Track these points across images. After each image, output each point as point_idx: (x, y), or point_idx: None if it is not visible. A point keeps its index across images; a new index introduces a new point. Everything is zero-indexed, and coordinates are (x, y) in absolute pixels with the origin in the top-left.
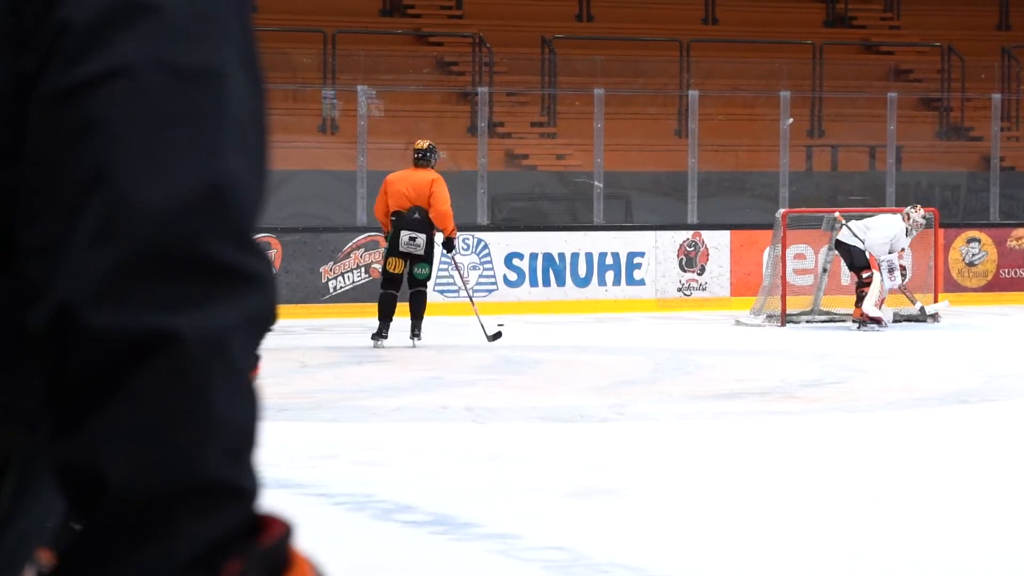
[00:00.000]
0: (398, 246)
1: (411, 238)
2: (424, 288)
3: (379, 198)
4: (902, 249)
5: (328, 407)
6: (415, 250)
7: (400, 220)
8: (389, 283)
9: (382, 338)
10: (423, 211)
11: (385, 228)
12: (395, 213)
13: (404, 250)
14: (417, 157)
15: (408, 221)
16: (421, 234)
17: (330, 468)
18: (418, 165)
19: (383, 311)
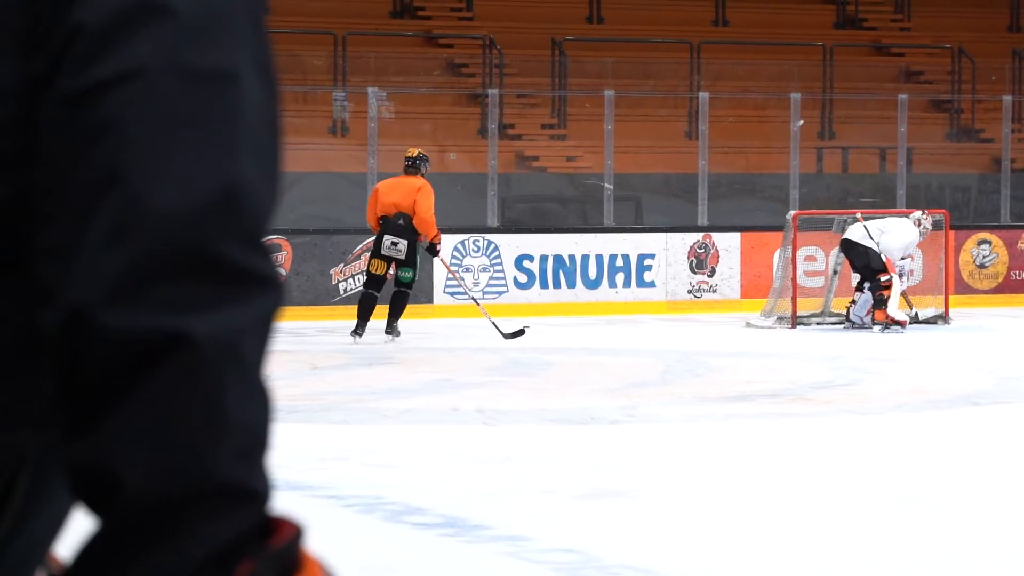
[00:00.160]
0: (380, 249)
1: (393, 243)
2: (406, 289)
3: (370, 204)
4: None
5: (338, 409)
6: (396, 255)
7: (385, 225)
8: (370, 283)
9: (357, 335)
10: (407, 217)
11: (376, 232)
12: (382, 218)
13: (386, 254)
14: (407, 165)
15: (392, 226)
16: (403, 240)
17: (340, 470)
18: (407, 172)
19: (360, 310)
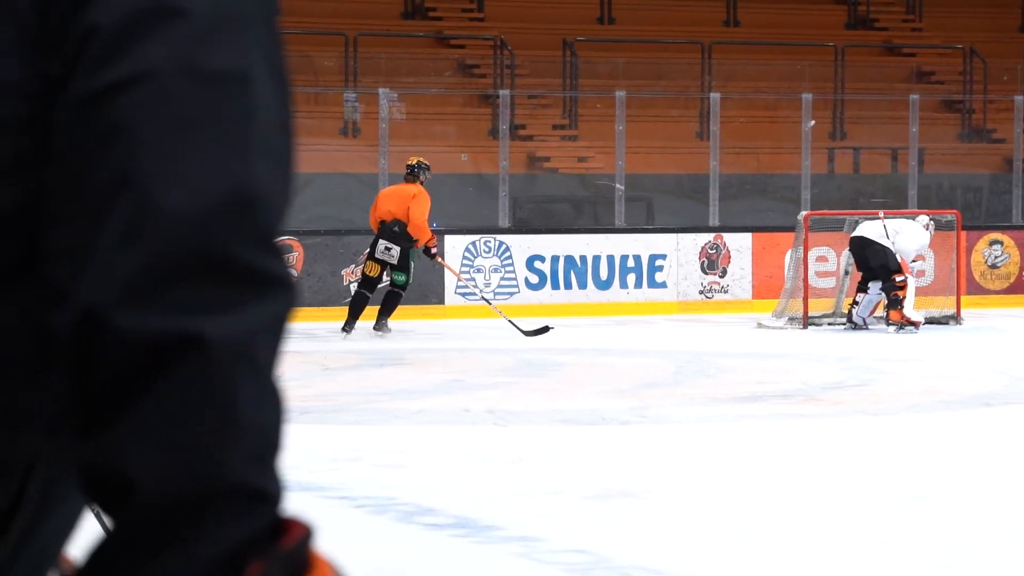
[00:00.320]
0: (375, 252)
1: (386, 248)
2: (399, 290)
3: (372, 209)
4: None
5: (350, 410)
6: (389, 259)
7: (381, 230)
8: (364, 284)
9: (346, 331)
10: (402, 224)
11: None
12: (380, 222)
13: (380, 257)
14: (406, 173)
15: (387, 232)
16: (396, 246)
17: (352, 471)
18: (406, 180)
19: (352, 308)
